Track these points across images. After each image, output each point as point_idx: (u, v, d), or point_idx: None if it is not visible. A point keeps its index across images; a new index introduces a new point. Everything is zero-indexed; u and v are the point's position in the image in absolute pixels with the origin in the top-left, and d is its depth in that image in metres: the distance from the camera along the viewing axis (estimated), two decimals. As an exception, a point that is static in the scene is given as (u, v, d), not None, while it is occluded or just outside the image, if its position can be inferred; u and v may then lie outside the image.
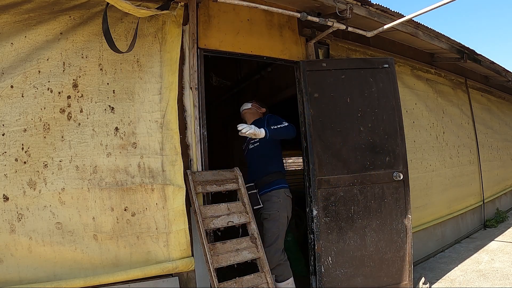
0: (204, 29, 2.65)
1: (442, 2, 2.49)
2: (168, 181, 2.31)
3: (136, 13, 2.14)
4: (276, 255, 2.62)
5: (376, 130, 2.99)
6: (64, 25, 2.14)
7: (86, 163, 2.13)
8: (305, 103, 2.92)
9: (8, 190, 1.93)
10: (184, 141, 2.47)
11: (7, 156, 1.95)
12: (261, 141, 2.86)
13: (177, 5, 2.46)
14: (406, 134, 3.12)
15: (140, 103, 2.32)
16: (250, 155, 2.96)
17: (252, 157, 2.94)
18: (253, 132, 2.57)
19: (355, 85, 3.01)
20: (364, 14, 2.90)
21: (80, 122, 2.14)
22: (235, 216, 2.40)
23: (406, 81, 4.19)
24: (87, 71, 2.19)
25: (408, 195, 3.01)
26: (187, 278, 2.31)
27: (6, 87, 1.97)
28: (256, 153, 2.90)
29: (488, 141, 5.96)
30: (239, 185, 2.53)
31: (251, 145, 2.94)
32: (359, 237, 2.87)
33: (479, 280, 3.24)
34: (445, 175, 4.55)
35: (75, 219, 2.06)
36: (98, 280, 2.03)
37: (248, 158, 2.99)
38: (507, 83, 6.04)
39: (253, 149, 2.92)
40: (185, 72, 2.52)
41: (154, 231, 2.25)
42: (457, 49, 4.14)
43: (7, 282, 1.87)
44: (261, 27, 2.95)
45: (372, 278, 2.87)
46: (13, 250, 1.91)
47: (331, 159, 2.89)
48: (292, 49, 3.09)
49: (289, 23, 3.11)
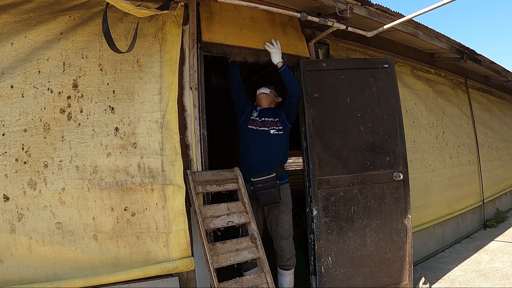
0: (208, 24, 2.63)
1: (442, 2, 2.49)
2: (168, 181, 2.31)
3: (136, 13, 2.14)
4: (293, 246, 2.79)
5: (376, 130, 2.99)
6: (64, 25, 2.14)
7: (86, 163, 2.13)
8: (305, 103, 2.92)
9: (9, 190, 1.93)
10: (184, 141, 2.47)
11: (8, 156, 1.95)
12: (284, 130, 2.83)
13: (177, 5, 2.46)
14: (406, 134, 3.12)
15: (140, 103, 2.32)
16: (265, 139, 2.78)
17: (266, 142, 2.77)
18: (276, 51, 2.80)
19: (355, 85, 3.01)
20: (364, 14, 2.90)
21: (80, 122, 2.14)
22: (235, 216, 2.40)
23: (406, 81, 4.19)
24: (87, 71, 2.19)
25: (408, 195, 3.01)
26: (187, 278, 2.32)
27: (6, 87, 1.97)
28: (278, 140, 2.78)
29: (488, 141, 5.96)
30: (239, 185, 2.53)
31: (273, 130, 2.79)
32: (359, 237, 2.87)
33: (479, 280, 3.24)
34: (445, 175, 4.56)
35: (75, 219, 2.06)
36: (98, 280, 2.03)
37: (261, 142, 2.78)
38: (507, 83, 6.05)
39: (275, 136, 2.78)
40: (185, 72, 2.52)
41: (154, 231, 2.25)
42: (457, 49, 4.14)
43: (7, 282, 1.87)
44: (264, 24, 2.94)
45: (372, 278, 2.87)
46: (13, 250, 1.91)
47: (331, 159, 2.89)
48: (297, 45, 3.07)
49: (291, 22, 3.11)
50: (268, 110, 2.92)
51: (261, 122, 2.85)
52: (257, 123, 2.85)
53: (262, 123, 2.84)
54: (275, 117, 2.86)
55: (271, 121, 2.85)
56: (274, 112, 2.90)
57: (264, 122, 2.84)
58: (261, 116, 2.88)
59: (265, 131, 2.80)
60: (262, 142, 2.77)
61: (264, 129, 2.81)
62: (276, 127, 2.82)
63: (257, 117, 2.88)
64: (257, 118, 2.87)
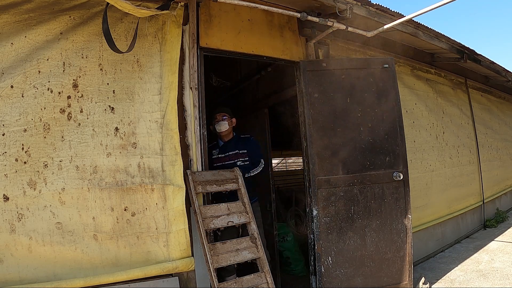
0: (206, 28, 2.65)
1: (442, 2, 2.49)
2: (168, 181, 2.31)
3: (136, 13, 2.14)
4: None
5: (376, 130, 2.99)
6: (64, 25, 2.14)
7: (86, 163, 2.13)
8: (305, 103, 2.92)
9: (8, 190, 1.93)
10: (184, 141, 2.46)
11: (7, 156, 1.95)
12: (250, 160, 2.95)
13: (177, 5, 2.46)
14: (406, 134, 3.13)
15: (140, 103, 2.32)
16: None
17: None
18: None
19: (355, 85, 3.01)
20: (364, 14, 2.89)
21: (80, 122, 2.14)
22: (235, 216, 2.40)
23: (406, 81, 4.19)
24: (87, 71, 2.19)
25: (408, 195, 3.01)
26: (187, 278, 2.31)
27: (6, 87, 1.97)
28: (246, 169, 2.88)
29: (488, 141, 5.96)
30: (239, 185, 2.53)
31: (240, 162, 2.93)
32: (359, 237, 2.87)
33: (479, 280, 3.24)
34: (445, 175, 4.56)
35: (75, 219, 2.06)
36: (98, 280, 2.03)
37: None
38: (507, 83, 6.04)
39: (242, 166, 2.87)
40: (185, 72, 2.52)
41: (154, 231, 2.25)
42: (457, 49, 4.14)
43: (7, 282, 1.87)
44: (261, 27, 2.95)
45: (372, 278, 2.87)
46: (13, 250, 1.91)
47: (331, 159, 2.89)
48: (293, 49, 3.09)
49: (289, 24, 3.11)
50: (230, 142, 2.98)
51: (226, 157, 2.96)
52: (223, 158, 2.95)
53: (227, 157, 2.96)
54: (239, 149, 2.94)
55: (236, 153, 2.94)
56: (238, 144, 2.97)
57: (229, 156, 2.95)
58: (223, 151, 2.97)
59: (232, 163, 2.91)
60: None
61: (230, 162, 2.92)
62: (242, 158, 2.93)
63: (219, 154, 2.97)
64: (220, 155, 2.95)
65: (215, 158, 2.98)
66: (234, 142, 3.01)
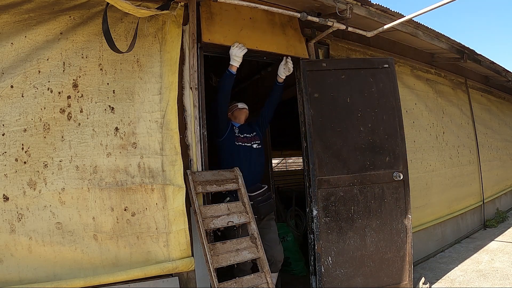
0: (208, 25, 2.63)
1: (442, 2, 2.49)
2: (168, 181, 2.31)
3: (136, 13, 2.14)
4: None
5: (376, 130, 2.99)
6: (64, 25, 2.14)
7: (86, 163, 2.12)
8: (305, 103, 2.92)
9: (8, 190, 1.93)
10: (184, 141, 2.47)
11: (7, 156, 1.95)
12: (262, 143, 2.95)
13: (177, 5, 2.46)
14: (406, 134, 3.13)
15: (140, 103, 2.32)
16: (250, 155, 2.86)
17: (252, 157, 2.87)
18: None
19: (355, 85, 3.01)
20: (364, 14, 2.89)
21: (80, 122, 2.14)
22: (235, 216, 2.40)
23: (406, 81, 4.19)
24: (87, 71, 2.19)
25: (408, 195, 3.01)
26: (187, 278, 2.31)
27: (6, 87, 1.97)
28: (260, 153, 2.90)
29: (488, 141, 5.96)
30: (239, 185, 2.53)
31: (255, 145, 2.90)
32: (359, 237, 2.87)
33: (479, 280, 3.24)
34: (445, 175, 4.56)
35: (75, 219, 2.06)
36: (98, 280, 2.03)
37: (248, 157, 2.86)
38: (507, 83, 6.05)
39: (258, 150, 2.89)
40: (185, 72, 2.52)
41: (154, 231, 2.25)
42: (457, 49, 4.14)
43: (7, 282, 1.87)
44: (263, 25, 2.93)
45: (372, 278, 2.87)
46: (13, 250, 1.91)
47: (331, 159, 2.89)
48: (297, 46, 3.07)
49: (291, 23, 3.10)
50: (245, 126, 3.00)
51: (244, 138, 2.93)
52: (242, 139, 2.92)
53: (245, 139, 2.93)
54: (252, 132, 2.96)
55: (251, 136, 2.93)
56: (250, 127, 2.99)
57: (246, 138, 2.93)
58: (241, 132, 2.94)
59: (249, 146, 2.90)
60: (249, 158, 2.86)
61: (247, 145, 2.90)
62: (256, 141, 2.93)
63: (239, 134, 2.94)
64: (239, 135, 2.92)
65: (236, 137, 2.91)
66: (247, 125, 3.03)
